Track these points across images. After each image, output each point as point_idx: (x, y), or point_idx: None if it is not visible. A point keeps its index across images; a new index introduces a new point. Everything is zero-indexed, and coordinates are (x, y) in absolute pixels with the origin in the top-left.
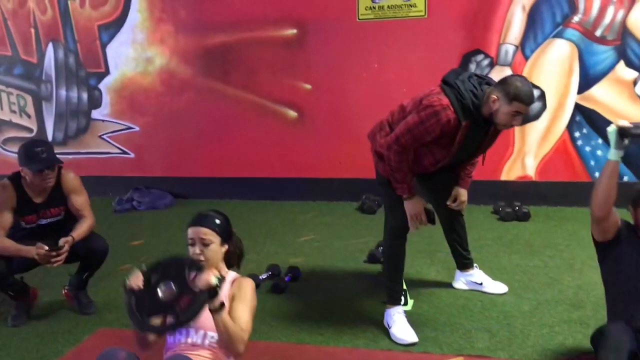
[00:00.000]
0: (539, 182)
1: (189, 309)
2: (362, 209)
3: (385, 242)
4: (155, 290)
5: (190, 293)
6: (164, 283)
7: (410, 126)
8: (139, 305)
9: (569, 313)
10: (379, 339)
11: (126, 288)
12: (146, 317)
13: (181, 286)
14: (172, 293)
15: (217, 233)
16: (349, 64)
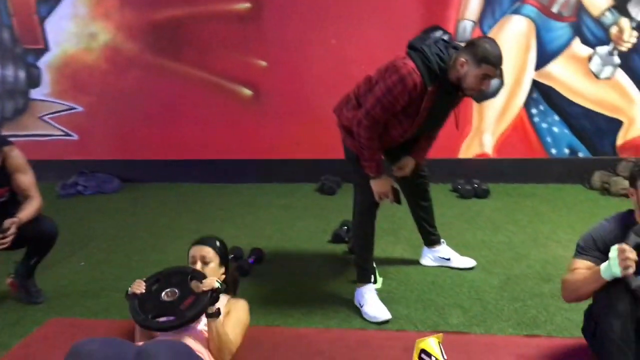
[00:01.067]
0: (496, 159)
1: (192, 308)
2: (321, 190)
3: (355, 220)
4: (158, 294)
5: (193, 295)
6: (167, 289)
7: (378, 97)
8: (142, 307)
9: (540, 287)
10: (351, 319)
11: (129, 294)
12: (150, 316)
13: (183, 289)
14: (175, 296)
15: (217, 254)
16: (306, 40)
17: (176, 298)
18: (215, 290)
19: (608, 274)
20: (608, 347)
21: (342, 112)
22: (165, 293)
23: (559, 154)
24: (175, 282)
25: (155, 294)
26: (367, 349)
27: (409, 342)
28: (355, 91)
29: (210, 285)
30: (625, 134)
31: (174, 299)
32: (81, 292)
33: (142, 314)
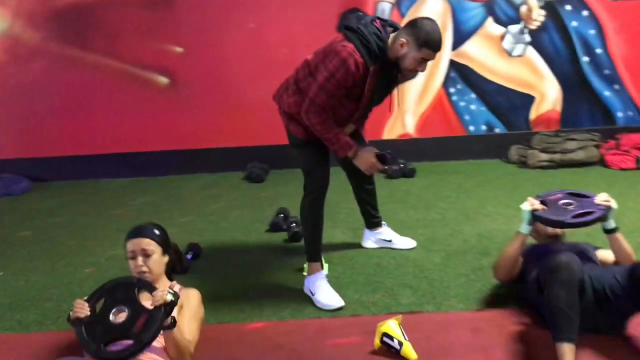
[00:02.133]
0: (418, 138)
1: (147, 329)
2: (249, 178)
3: (304, 205)
4: (106, 316)
5: (145, 312)
6: (114, 307)
7: (321, 84)
8: (90, 334)
9: (479, 260)
10: (303, 308)
11: (72, 320)
12: (102, 344)
13: (133, 307)
14: (125, 316)
15: (158, 243)
16: (223, 24)
17: (127, 318)
18: (169, 304)
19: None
20: (556, 316)
21: (283, 98)
22: (112, 314)
23: (476, 130)
24: (122, 298)
25: (102, 316)
26: (327, 337)
27: (367, 327)
28: (294, 76)
29: (162, 299)
30: (537, 108)
31: (124, 320)
32: (6, 305)
33: (93, 344)
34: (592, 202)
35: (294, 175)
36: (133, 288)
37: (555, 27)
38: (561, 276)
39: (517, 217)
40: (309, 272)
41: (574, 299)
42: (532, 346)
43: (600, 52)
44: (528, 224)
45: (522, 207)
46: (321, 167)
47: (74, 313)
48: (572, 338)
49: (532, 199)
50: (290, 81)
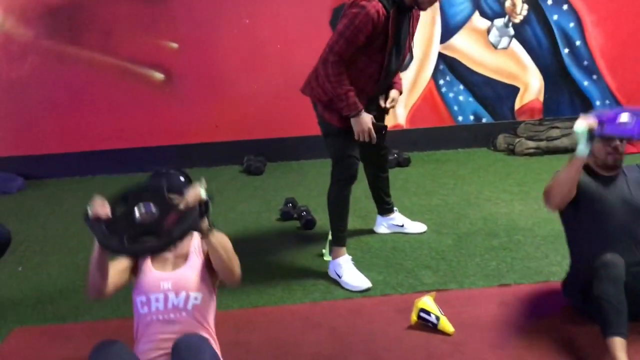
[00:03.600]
0: (410, 129)
1: (179, 225)
2: (248, 171)
3: (332, 192)
4: (131, 214)
5: (176, 211)
6: (140, 205)
7: (341, 31)
8: (112, 231)
9: (489, 241)
10: (332, 290)
11: (89, 218)
12: (126, 239)
13: (163, 205)
14: (153, 213)
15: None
16: (219, 20)
17: (155, 217)
18: (204, 202)
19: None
20: (607, 311)
21: (313, 88)
22: (138, 211)
23: (465, 120)
24: (149, 198)
25: (126, 215)
26: (362, 316)
27: (399, 305)
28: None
29: (196, 196)
30: (522, 98)
31: (152, 219)
32: (34, 298)
33: (115, 238)
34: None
35: (290, 167)
36: (162, 190)
37: (538, 20)
38: (610, 273)
39: (516, 201)
40: (334, 256)
41: (623, 295)
42: (556, 319)
43: (580, 44)
44: (586, 145)
45: (577, 128)
46: (351, 156)
47: (92, 211)
48: (624, 332)
49: (585, 116)
50: (316, 67)
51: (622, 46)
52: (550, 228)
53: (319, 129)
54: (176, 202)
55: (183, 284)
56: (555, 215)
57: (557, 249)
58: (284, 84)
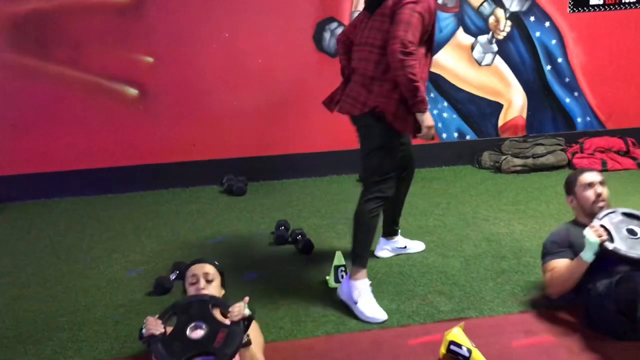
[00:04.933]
0: None
1: (229, 343)
2: (229, 192)
3: (367, 209)
4: (182, 332)
5: (224, 327)
6: (189, 324)
7: (406, 20)
8: (169, 350)
9: (498, 264)
10: (345, 321)
11: (146, 337)
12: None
13: (210, 323)
14: (202, 332)
15: (218, 272)
16: (197, 34)
17: (205, 334)
18: (248, 318)
19: (588, 253)
20: None
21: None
22: (190, 329)
23: (449, 138)
24: (196, 314)
25: (178, 333)
26: (385, 350)
27: (422, 335)
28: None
29: (241, 313)
30: (505, 115)
31: (203, 336)
32: (13, 338)
33: (173, 359)
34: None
35: (273, 187)
36: (207, 305)
37: (521, 37)
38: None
39: (515, 220)
40: (353, 277)
41: None
42: (587, 344)
43: (561, 61)
44: (594, 254)
45: (589, 238)
46: (397, 175)
47: (147, 330)
48: None
49: (596, 226)
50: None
51: (601, 63)
52: None
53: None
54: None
55: None
56: None
57: None
58: (265, 100)
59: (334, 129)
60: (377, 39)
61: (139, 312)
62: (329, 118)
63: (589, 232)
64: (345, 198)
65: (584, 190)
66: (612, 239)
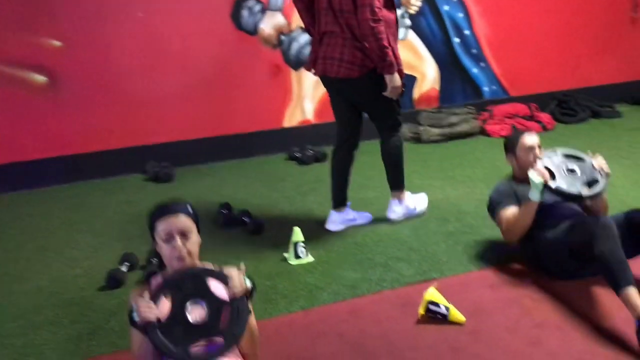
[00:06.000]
0: (318, 124)
1: (237, 322)
2: (156, 179)
3: (397, 141)
4: (183, 315)
5: (226, 304)
6: (189, 304)
7: None
8: (170, 337)
9: (444, 227)
10: (316, 294)
11: (140, 324)
12: (187, 347)
13: (211, 300)
14: (204, 311)
15: (193, 220)
16: (108, 14)
17: (208, 315)
18: (250, 291)
19: (535, 193)
20: (617, 266)
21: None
22: (191, 312)
23: None
24: (192, 291)
25: (177, 315)
26: (365, 317)
27: (397, 300)
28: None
29: (242, 287)
30: (420, 88)
31: (206, 317)
32: None
33: (178, 347)
34: (590, 166)
35: (201, 171)
36: (202, 278)
37: (431, 11)
38: (610, 233)
39: (447, 186)
40: (401, 197)
41: (622, 251)
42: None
43: (468, 33)
44: (540, 194)
45: (534, 180)
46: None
47: (140, 315)
48: (633, 282)
49: (539, 167)
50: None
51: (504, 35)
52: None
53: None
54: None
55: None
56: None
57: None
58: (185, 82)
59: (259, 109)
60: (349, 4)
61: (96, 308)
62: (253, 97)
63: (533, 174)
64: (281, 177)
65: (525, 153)
66: (554, 178)
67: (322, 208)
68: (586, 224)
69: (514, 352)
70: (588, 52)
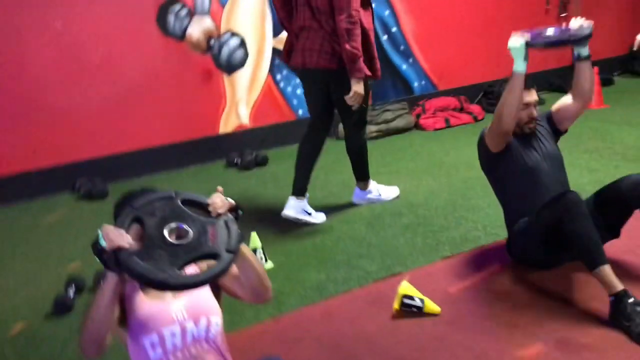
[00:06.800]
0: (254, 128)
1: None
2: (89, 196)
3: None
4: (162, 237)
5: (210, 222)
6: (167, 227)
7: None
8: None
9: (400, 220)
10: (283, 300)
11: (110, 253)
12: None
13: (192, 220)
14: (185, 231)
15: None
16: (23, 25)
17: (193, 235)
18: (235, 207)
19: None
20: (590, 245)
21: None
22: (169, 233)
23: (305, 114)
24: (168, 214)
25: (156, 239)
26: (338, 318)
27: (368, 297)
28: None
29: (225, 202)
30: None
31: (191, 238)
32: None
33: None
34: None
35: (137, 184)
36: (175, 201)
37: None
38: (579, 210)
39: (394, 181)
40: (366, 187)
41: (594, 228)
42: (513, 277)
43: (395, 30)
44: (524, 60)
45: (513, 45)
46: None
47: (109, 242)
48: (607, 260)
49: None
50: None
51: (430, 31)
52: (443, 198)
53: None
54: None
55: (201, 308)
56: (441, 186)
57: (463, 216)
58: (112, 93)
59: (193, 116)
60: (324, 4)
61: (46, 338)
62: (186, 105)
63: (512, 41)
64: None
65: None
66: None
67: (273, 212)
68: (553, 203)
69: (495, 336)
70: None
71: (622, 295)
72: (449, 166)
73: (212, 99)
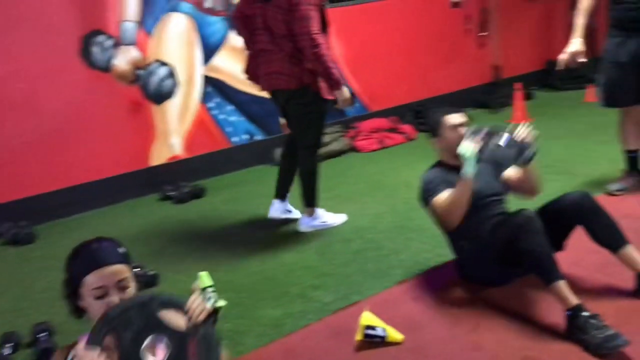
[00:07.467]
0: (188, 158)
1: (206, 352)
2: (14, 242)
3: (313, 161)
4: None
5: (190, 335)
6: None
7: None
8: None
9: (348, 246)
10: (240, 340)
11: None
12: None
13: (170, 334)
14: (164, 346)
15: (130, 267)
16: None
17: (172, 351)
18: (215, 312)
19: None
20: (545, 260)
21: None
22: (145, 351)
23: (240, 141)
24: (144, 326)
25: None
26: (299, 355)
27: (327, 331)
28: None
29: (204, 310)
30: None
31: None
32: None
33: None
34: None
35: (66, 225)
36: (152, 309)
37: None
38: (535, 226)
39: (337, 205)
40: (309, 214)
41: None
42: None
43: None
44: (475, 165)
45: (464, 151)
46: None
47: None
48: (562, 275)
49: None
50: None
51: (359, 53)
52: (388, 221)
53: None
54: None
55: None
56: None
57: (410, 237)
58: (35, 130)
59: (122, 150)
60: (282, 29)
61: None
62: (114, 138)
63: (464, 147)
64: (157, 220)
65: (451, 132)
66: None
67: (217, 246)
68: (508, 221)
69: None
70: (433, 64)
71: (578, 309)
72: (389, 187)
73: (141, 130)
